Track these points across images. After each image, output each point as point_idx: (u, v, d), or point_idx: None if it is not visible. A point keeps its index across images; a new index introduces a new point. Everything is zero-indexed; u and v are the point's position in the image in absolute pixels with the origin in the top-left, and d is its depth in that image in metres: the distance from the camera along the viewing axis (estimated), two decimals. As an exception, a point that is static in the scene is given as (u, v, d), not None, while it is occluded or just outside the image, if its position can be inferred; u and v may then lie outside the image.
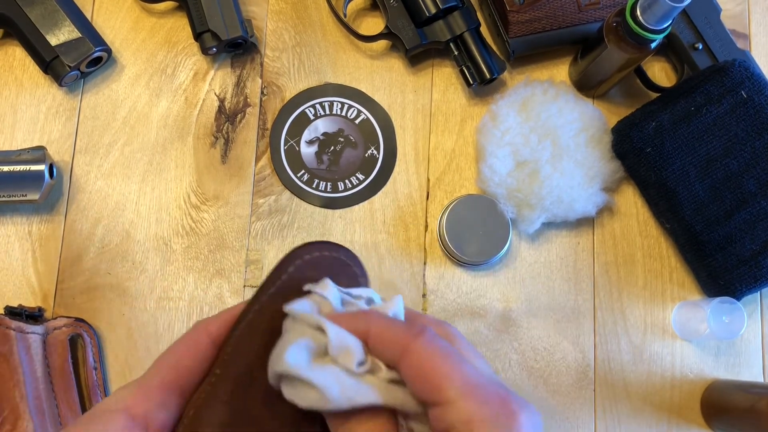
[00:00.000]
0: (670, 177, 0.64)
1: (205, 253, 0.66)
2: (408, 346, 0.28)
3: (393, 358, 0.28)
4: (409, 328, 0.29)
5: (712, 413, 0.64)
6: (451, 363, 0.27)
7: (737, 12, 0.73)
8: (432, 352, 0.28)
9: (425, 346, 0.28)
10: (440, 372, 0.27)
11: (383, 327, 0.29)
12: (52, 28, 0.65)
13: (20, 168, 0.62)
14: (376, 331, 0.29)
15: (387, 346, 0.29)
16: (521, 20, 0.66)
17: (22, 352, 0.60)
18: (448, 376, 0.27)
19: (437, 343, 0.28)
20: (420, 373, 0.28)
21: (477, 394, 0.27)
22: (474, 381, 0.27)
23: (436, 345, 0.28)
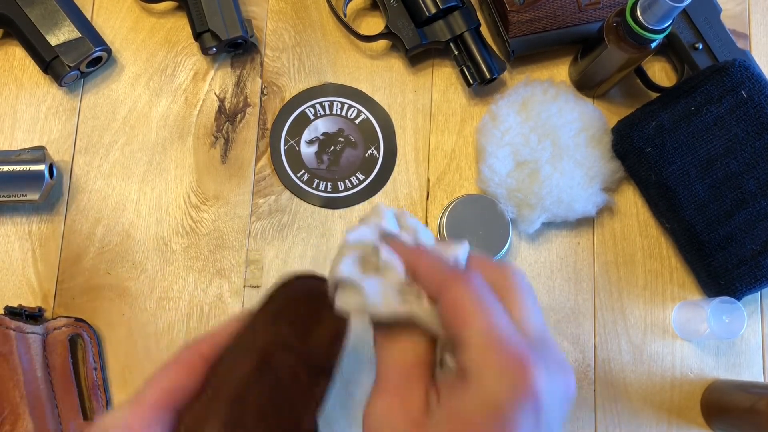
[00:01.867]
0: (670, 177, 0.64)
1: (205, 253, 0.66)
2: (446, 286, 0.30)
3: (433, 293, 0.31)
4: (453, 270, 0.31)
5: (712, 413, 0.64)
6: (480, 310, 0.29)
7: (737, 12, 0.73)
8: (466, 296, 0.30)
9: (461, 289, 0.30)
10: (466, 316, 0.29)
11: (431, 263, 0.32)
12: (52, 28, 0.65)
13: (20, 168, 0.62)
14: (425, 265, 0.32)
15: (430, 280, 0.31)
16: (521, 20, 0.66)
17: (22, 352, 0.60)
18: (471, 321, 0.29)
19: (474, 289, 0.30)
20: (450, 313, 0.30)
21: (493, 344, 0.28)
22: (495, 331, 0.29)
23: (473, 291, 0.30)
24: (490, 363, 0.28)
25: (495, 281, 0.32)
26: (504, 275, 0.33)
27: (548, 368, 0.29)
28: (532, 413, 0.28)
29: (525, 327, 0.31)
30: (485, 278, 0.32)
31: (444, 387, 0.30)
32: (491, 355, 0.28)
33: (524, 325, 0.31)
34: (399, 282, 0.31)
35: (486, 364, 0.28)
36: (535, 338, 0.30)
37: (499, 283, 0.32)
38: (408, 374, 0.31)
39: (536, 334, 0.31)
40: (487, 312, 0.29)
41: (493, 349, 0.28)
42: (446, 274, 0.31)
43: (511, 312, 0.31)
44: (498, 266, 0.33)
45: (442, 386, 0.30)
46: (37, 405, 0.59)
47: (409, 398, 0.30)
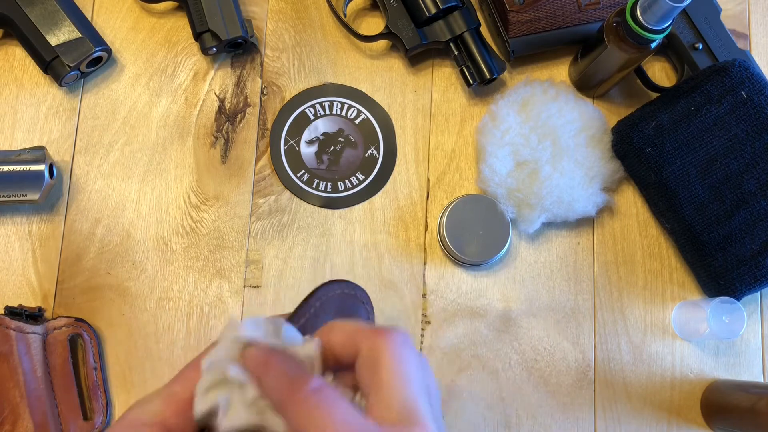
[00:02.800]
0: (670, 177, 0.64)
1: (205, 253, 0.66)
2: (285, 403, 0.30)
3: (278, 411, 0.30)
4: (289, 383, 0.30)
5: (712, 413, 0.64)
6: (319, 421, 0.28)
7: (737, 12, 0.73)
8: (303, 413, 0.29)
9: (299, 404, 0.29)
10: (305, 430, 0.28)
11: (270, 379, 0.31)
12: (52, 28, 0.65)
13: (20, 168, 0.62)
14: (265, 384, 0.31)
15: (273, 397, 0.30)
16: (521, 20, 0.66)
17: (22, 352, 0.60)
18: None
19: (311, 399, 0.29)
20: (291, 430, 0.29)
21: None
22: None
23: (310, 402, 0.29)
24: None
25: (366, 354, 0.31)
26: (375, 347, 0.31)
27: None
28: None
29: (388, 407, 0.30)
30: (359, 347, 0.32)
31: None
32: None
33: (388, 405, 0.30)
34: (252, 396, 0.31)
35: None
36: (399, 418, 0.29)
37: (370, 356, 0.31)
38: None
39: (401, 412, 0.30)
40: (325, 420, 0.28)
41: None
42: (286, 389, 0.30)
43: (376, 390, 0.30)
44: (370, 336, 0.32)
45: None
46: (37, 405, 0.59)
47: None
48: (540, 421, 0.65)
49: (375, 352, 0.31)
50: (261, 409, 0.31)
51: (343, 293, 0.38)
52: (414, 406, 0.30)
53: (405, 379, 0.30)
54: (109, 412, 0.62)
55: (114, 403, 0.63)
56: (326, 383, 0.30)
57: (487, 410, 0.65)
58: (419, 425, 0.29)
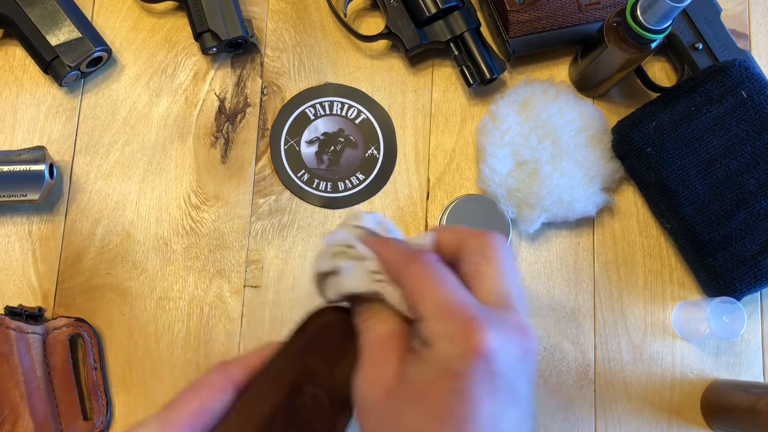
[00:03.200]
0: (670, 177, 0.64)
1: (205, 253, 0.66)
2: (404, 269, 0.33)
3: (396, 277, 0.34)
4: (411, 255, 0.34)
5: (712, 413, 0.64)
6: (432, 285, 0.32)
7: (737, 12, 0.73)
8: (419, 275, 0.33)
9: (415, 270, 0.33)
10: (421, 292, 0.32)
11: (390, 252, 0.35)
12: (52, 28, 0.65)
13: (20, 168, 0.62)
14: (385, 256, 0.35)
15: (393, 266, 0.34)
16: (521, 20, 0.66)
17: (22, 352, 0.60)
18: (425, 296, 0.32)
19: (427, 267, 0.33)
20: (408, 292, 0.33)
21: (444, 313, 0.31)
22: (446, 301, 0.31)
23: (425, 269, 0.33)
24: (442, 330, 0.31)
25: (473, 249, 0.34)
26: (481, 243, 0.35)
27: (501, 330, 0.31)
28: (485, 372, 0.30)
29: (490, 292, 0.33)
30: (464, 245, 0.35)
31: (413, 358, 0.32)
32: (443, 323, 0.31)
33: (490, 290, 0.33)
34: (372, 268, 0.35)
35: (439, 331, 0.31)
36: (498, 302, 0.33)
37: (477, 251, 0.34)
38: (383, 347, 0.33)
39: (501, 297, 0.33)
40: (438, 286, 0.32)
41: (444, 318, 0.31)
42: (404, 259, 0.34)
43: (480, 278, 0.33)
44: (477, 234, 0.35)
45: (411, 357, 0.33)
46: (37, 405, 0.59)
47: (383, 369, 0.32)
48: (540, 421, 0.65)
49: (481, 247, 0.34)
50: (380, 281, 0.34)
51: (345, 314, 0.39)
52: (511, 296, 0.33)
53: (506, 272, 0.34)
54: (109, 412, 0.62)
55: (114, 403, 0.63)
56: (439, 258, 0.34)
57: (487, 410, 0.65)
58: (515, 311, 0.33)
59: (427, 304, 0.32)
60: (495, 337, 0.30)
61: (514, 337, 0.31)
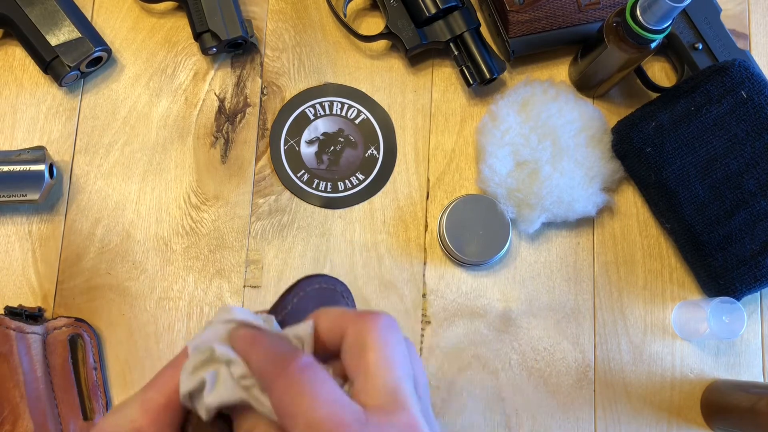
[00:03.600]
0: (670, 177, 0.64)
1: (205, 253, 0.66)
2: (270, 382, 0.29)
3: (264, 389, 0.30)
4: (277, 362, 0.29)
5: (712, 413, 0.64)
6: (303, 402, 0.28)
7: (737, 12, 0.73)
8: (289, 390, 0.28)
9: (284, 384, 0.29)
10: (289, 414, 0.28)
11: (257, 356, 0.30)
12: (52, 28, 0.65)
13: (20, 168, 0.62)
14: (251, 361, 0.30)
15: (259, 375, 0.30)
16: (521, 20, 0.66)
17: (22, 352, 0.60)
18: (294, 418, 0.28)
19: (298, 378, 0.29)
20: (277, 409, 0.29)
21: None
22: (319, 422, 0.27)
23: (296, 381, 0.29)
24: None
25: (353, 338, 0.31)
26: (362, 331, 0.31)
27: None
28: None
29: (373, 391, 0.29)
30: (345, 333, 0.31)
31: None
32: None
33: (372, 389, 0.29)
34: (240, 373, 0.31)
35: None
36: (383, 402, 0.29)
37: (357, 340, 0.31)
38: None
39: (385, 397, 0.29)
40: (310, 402, 0.28)
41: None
42: (273, 367, 0.30)
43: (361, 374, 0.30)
44: (357, 320, 0.32)
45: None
46: (37, 405, 0.59)
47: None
48: (540, 421, 0.65)
49: (361, 335, 0.31)
50: (248, 387, 0.30)
51: (321, 287, 0.37)
52: (399, 390, 0.29)
53: (390, 363, 0.30)
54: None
55: (114, 403, 0.63)
56: (315, 362, 0.30)
57: (487, 410, 0.65)
58: (404, 410, 0.29)
59: (295, 422, 0.28)
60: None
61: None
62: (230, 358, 0.31)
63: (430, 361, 0.65)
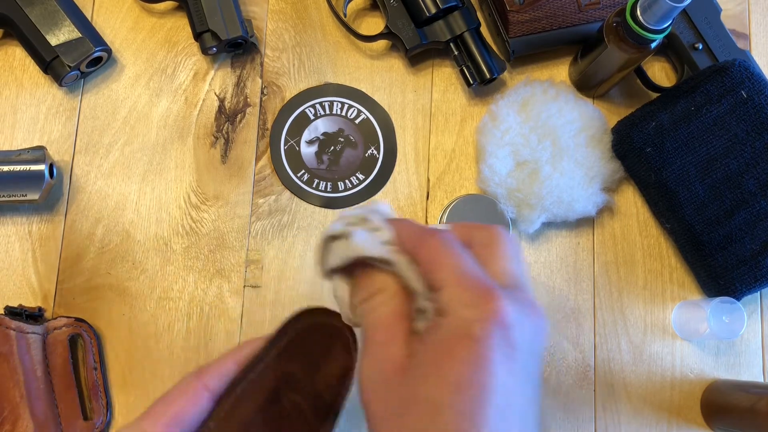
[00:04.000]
0: (670, 177, 0.64)
1: (205, 253, 0.66)
2: (423, 241, 0.34)
3: (412, 249, 0.34)
4: (426, 230, 0.35)
5: (712, 413, 0.64)
6: (451, 256, 0.33)
7: (737, 12, 0.73)
8: (439, 247, 0.34)
9: (435, 242, 0.34)
10: (440, 261, 0.33)
11: (408, 226, 0.36)
12: (52, 28, 0.65)
13: (20, 168, 0.62)
14: (403, 229, 0.35)
15: (408, 240, 0.35)
16: (521, 20, 0.66)
17: (22, 352, 0.60)
18: (444, 265, 0.33)
19: (446, 241, 0.34)
20: (426, 260, 0.33)
21: (464, 281, 0.32)
22: (465, 271, 0.33)
23: (444, 244, 0.34)
24: (462, 296, 0.32)
25: (481, 240, 0.36)
26: (489, 234, 0.36)
27: (517, 304, 0.32)
28: (503, 340, 0.30)
29: (500, 276, 0.34)
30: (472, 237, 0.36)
31: (424, 330, 0.33)
32: (462, 290, 0.32)
33: (500, 275, 0.34)
34: (387, 239, 0.35)
35: (458, 298, 0.32)
36: (509, 285, 0.34)
37: (485, 241, 0.36)
38: (388, 327, 0.34)
39: (510, 281, 0.34)
40: (457, 258, 0.33)
41: (464, 285, 0.32)
42: (423, 233, 0.35)
43: (489, 264, 0.35)
44: (484, 227, 0.37)
45: (422, 330, 0.33)
46: (37, 405, 0.59)
47: (392, 348, 0.33)
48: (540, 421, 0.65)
49: (489, 237, 0.36)
50: (391, 249, 0.34)
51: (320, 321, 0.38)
52: (521, 278, 0.35)
53: (513, 260, 0.35)
54: (109, 412, 0.62)
55: (114, 403, 0.63)
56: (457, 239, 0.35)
57: (487, 410, 0.65)
58: (526, 291, 0.34)
59: (445, 273, 0.32)
60: (512, 308, 0.31)
61: (529, 314, 0.32)
62: (380, 226, 0.35)
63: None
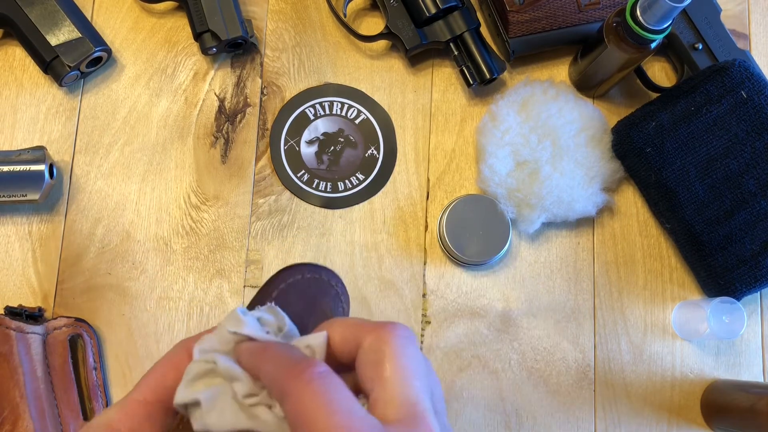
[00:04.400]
0: (670, 177, 0.64)
1: (205, 253, 0.66)
2: (284, 389, 0.28)
3: (277, 397, 0.28)
4: (291, 369, 0.28)
5: (712, 413, 0.64)
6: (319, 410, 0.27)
7: (737, 12, 0.73)
8: (306, 397, 0.27)
9: (300, 391, 0.27)
10: (305, 422, 0.27)
11: (273, 363, 0.29)
12: (52, 28, 0.65)
13: (20, 168, 0.62)
14: (266, 367, 0.29)
15: (273, 384, 0.29)
16: (521, 20, 0.66)
17: (22, 352, 0.60)
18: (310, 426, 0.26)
19: (315, 385, 0.27)
20: (290, 420, 0.27)
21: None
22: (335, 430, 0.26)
23: (313, 388, 0.27)
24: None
25: (370, 348, 0.30)
26: (379, 341, 0.30)
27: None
28: None
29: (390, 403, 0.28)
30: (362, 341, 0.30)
31: None
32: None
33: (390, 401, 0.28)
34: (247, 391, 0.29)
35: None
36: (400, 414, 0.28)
37: (374, 350, 0.30)
38: None
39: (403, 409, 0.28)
40: (327, 410, 0.27)
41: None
42: (287, 374, 0.28)
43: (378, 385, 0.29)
44: (375, 330, 0.30)
45: None
46: (37, 405, 0.60)
47: None
48: (540, 421, 0.65)
49: (379, 345, 0.30)
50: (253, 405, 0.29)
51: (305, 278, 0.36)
52: (417, 404, 0.28)
53: (409, 375, 0.29)
54: (109, 412, 0.62)
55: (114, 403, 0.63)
56: (331, 371, 0.28)
57: (487, 410, 0.65)
58: (422, 425, 0.28)
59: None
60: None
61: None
62: (235, 374, 0.29)
63: (430, 362, 0.65)
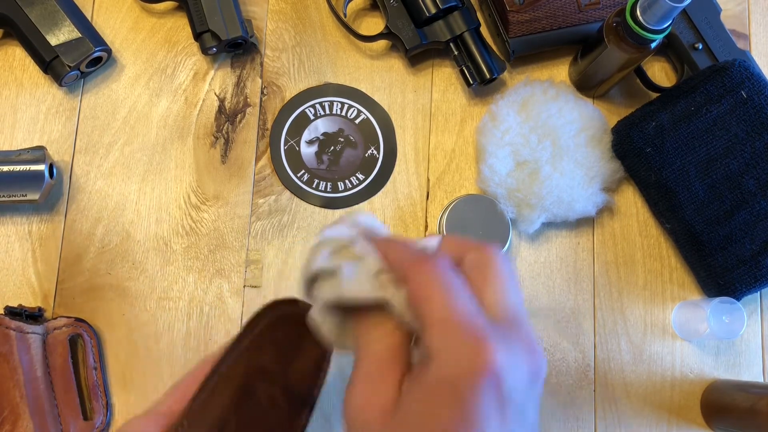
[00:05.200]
0: (670, 177, 0.64)
1: (205, 253, 0.66)
2: (411, 270, 0.30)
3: (401, 278, 0.31)
4: (419, 256, 0.31)
5: (712, 413, 0.64)
6: (441, 292, 0.29)
7: (737, 12, 0.73)
8: (428, 279, 0.30)
9: (424, 273, 0.30)
10: (428, 297, 0.29)
11: (397, 252, 0.32)
12: (52, 28, 0.65)
13: (20, 168, 0.62)
14: (392, 256, 0.32)
15: (399, 266, 0.31)
16: (521, 20, 0.66)
17: (22, 352, 0.60)
18: (432, 302, 0.29)
19: (437, 271, 0.30)
20: (414, 295, 0.30)
21: (452, 323, 0.28)
22: (455, 311, 0.29)
23: (435, 273, 0.30)
24: (448, 342, 0.28)
25: (474, 262, 0.32)
26: (483, 256, 0.33)
27: (510, 347, 0.29)
28: (492, 390, 0.27)
29: (495, 308, 0.31)
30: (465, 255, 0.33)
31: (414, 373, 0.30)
32: (449, 334, 0.28)
33: (494, 306, 0.31)
34: (375, 269, 0.32)
35: (444, 343, 0.28)
36: (504, 318, 0.30)
37: (478, 264, 0.32)
38: (381, 364, 0.31)
39: (506, 314, 0.31)
40: (447, 293, 0.29)
41: (452, 329, 0.28)
42: (412, 260, 0.31)
43: (483, 292, 0.31)
44: (478, 247, 0.33)
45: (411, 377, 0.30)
46: (37, 405, 0.60)
47: (381, 387, 0.30)
48: (540, 422, 0.65)
49: (485, 259, 0.32)
50: (383, 283, 0.31)
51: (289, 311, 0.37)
52: (518, 312, 0.31)
53: (510, 288, 0.32)
54: (109, 412, 0.62)
55: (114, 403, 0.63)
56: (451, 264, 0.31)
57: (487, 410, 0.65)
58: (523, 330, 0.30)
59: (433, 312, 0.29)
60: (505, 356, 0.28)
61: (523, 358, 0.29)
62: (366, 253, 0.32)
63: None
